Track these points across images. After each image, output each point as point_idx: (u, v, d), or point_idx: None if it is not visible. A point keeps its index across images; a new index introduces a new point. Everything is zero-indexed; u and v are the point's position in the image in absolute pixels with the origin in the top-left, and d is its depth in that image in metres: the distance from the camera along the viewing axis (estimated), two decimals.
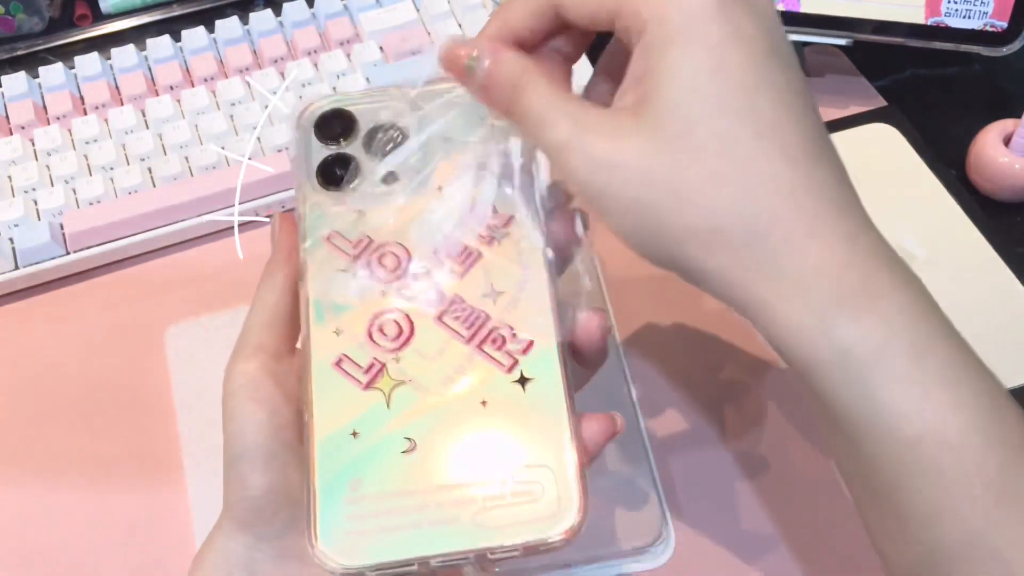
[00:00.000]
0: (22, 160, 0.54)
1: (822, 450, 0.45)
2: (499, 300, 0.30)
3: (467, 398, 0.29)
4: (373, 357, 0.29)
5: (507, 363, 0.29)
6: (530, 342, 0.29)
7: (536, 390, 0.29)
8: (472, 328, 0.30)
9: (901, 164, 0.53)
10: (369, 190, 0.32)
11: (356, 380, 0.29)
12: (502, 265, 0.30)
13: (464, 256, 0.31)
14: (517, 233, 0.31)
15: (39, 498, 0.45)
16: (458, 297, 0.30)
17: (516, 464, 0.28)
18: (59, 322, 0.51)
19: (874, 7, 0.54)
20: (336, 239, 0.31)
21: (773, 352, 0.49)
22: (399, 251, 0.31)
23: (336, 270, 0.31)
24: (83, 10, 0.65)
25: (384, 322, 0.30)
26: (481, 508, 0.27)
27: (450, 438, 0.28)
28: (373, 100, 0.33)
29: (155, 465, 0.46)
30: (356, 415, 0.29)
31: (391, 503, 0.27)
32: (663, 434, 0.46)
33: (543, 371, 0.29)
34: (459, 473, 0.28)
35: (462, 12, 0.61)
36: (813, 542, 0.43)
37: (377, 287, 0.30)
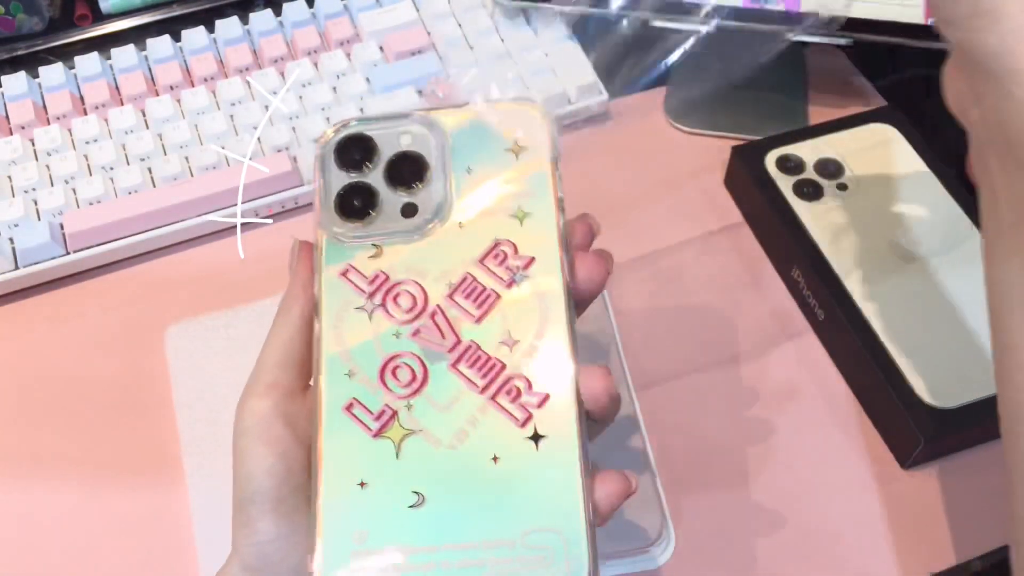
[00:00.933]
0: (22, 160, 0.54)
1: (823, 451, 0.46)
2: (516, 349, 0.29)
3: (478, 453, 0.28)
4: (384, 403, 0.28)
5: (521, 417, 0.28)
6: (546, 395, 0.28)
7: (549, 448, 0.28)
8: (487, 378, 0.28)
9: (901, 164, 0.53)
10: (388, 223, 0.30)
11: (366, 427, 0.28)
12: (521, 311, 0.29)
13: (482, 299, 0.29)
14: (538, 276, 0.29)
15: (39, 498, 0.45)
16: (474, 344, 0.29)
17: (526, 526, 0.27)
18: (59, 322, 0.51)
19: (874, 7, 0.54)
20: (352, 274, 0.30)
21: (773, 354, 0.49)
22: (416, 290, 0.30)
23: (351, 308, 0.30)
24: (83, 10, 0.65)
25: (398, 366, 0.29)
26: (488, 571, 0.27)
27: (459, 495, 0.27)
28: (396, 126, 0.32)
29: (155, 465, 0.46)
30: (364, 464, 0.28)
31: (396, 559, 0.27)
32: (664, 435, 0.46)
33: (558, 428, 0.28)
34: (467, 532, 0.27)
35: (462, 12, 0.61)
36: (814, 542, 0.43)
37: (392, 328, 0.29)
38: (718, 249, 0.53)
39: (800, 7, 0.54)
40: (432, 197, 0.30)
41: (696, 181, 0.56)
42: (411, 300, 0.29)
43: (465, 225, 0.30)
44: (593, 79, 0.58)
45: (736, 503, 0.44)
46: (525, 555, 0.26)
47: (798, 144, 0.53)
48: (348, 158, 0.31)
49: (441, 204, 0.30)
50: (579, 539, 0.27)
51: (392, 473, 0.28)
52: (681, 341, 0.49)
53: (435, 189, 0.31)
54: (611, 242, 0.55)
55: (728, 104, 0.60)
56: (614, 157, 0.58)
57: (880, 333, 0.45)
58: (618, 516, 0.42)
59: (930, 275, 0.48)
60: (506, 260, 0.30)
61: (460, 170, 0.31)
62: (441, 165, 0.31)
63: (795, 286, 0.51)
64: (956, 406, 0.43)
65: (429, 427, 0.28)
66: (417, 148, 0.31)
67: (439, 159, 0.31)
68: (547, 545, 0.27)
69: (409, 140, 0.31)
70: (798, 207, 0.51)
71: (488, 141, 0.31)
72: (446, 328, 0.29)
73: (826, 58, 0.62)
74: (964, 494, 0.44)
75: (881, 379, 0.44)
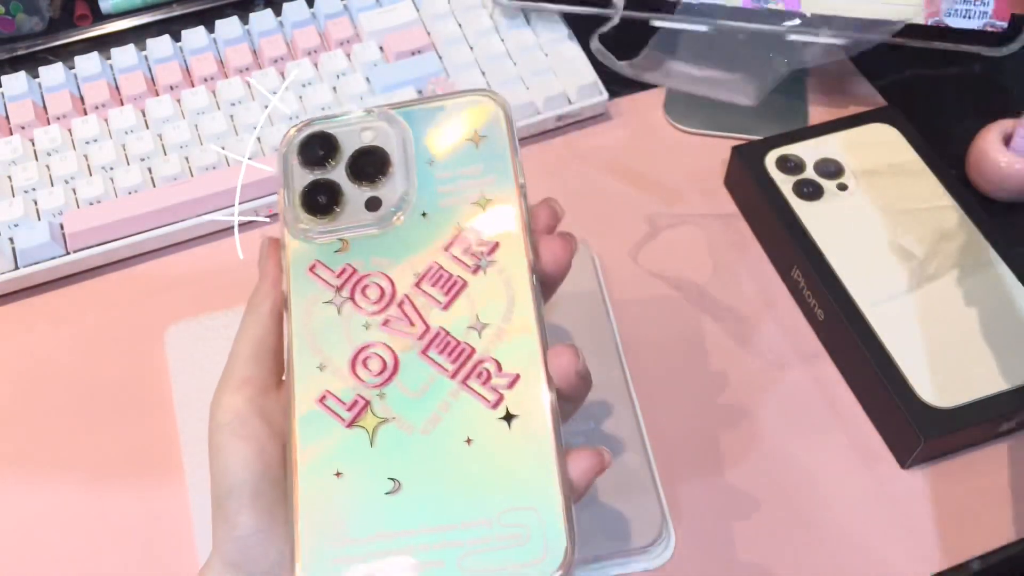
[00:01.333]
0: (22, 160, 0.54)
1: (823, 451, 0.46)
2: (484, 332, 0.29)
3: (452, 436, 0.28)
4: (357, 394, 0.29)
5: (493, 399, 0.28)
6: (516, 376, 0.28)
7: (522, 427, 0.28)
8: (457, 362, 0.29)
9: (901, 164, 0.53)
10: (352, 217, 0.31)
11: (340, 417, 0.28)
12: (487, 295, 0.29)
13: (449, 286, 0.30)
14: (503, 260, 0.30)
15: (39, 498, 0.45)
16: (443, 330, 0.29)
17: (502, 506, 0.27)
18: (59, 322, 0.51)
19: (874, 7, 0.54)
20: (319, 269, 0.30)
21: (774, 354, 0.49)
22: (383, 281, 0.30)
23: (320, 302, 0.30)
24: (83, 10, 0.65)
25: (368, 356, 0.29)
26: (467, 552, 0.27)
27: (435, 479, 0.28)
28: (357, 122, 0.32)
29: (155, 465, 0.46)
30: (339, 454, 0.28)
31: (376, 545, 0.27)
32: (664, 435, 0.46)
33: (529, 407, 0.28)
34: (444, 515, 0.27)
35: (462, 12, 0.61)
36: (813, 542, 0.43)
37: (361, 320, 0.30)
38: (718, 249, 0.53)
39: (800, 7, 0.54)
40: (395, 190, 0.31)
41: (696, 181, 0.56)
42: (379, 291, 0.30)
43: (429, 215, 0.31)
44: (593, 79, 0.58)
45: (736, 503, 0.44)
46: (502, 533, 0.27)
47: (798, 144, 0.53)
48: (311, 156, 0.32)
49: (404, 196, 0.31)
50: (555, 516, 0.27)
51: (367, 461, 0.28)
52: (681, 341, 0.49)
53: (397, 182, 0.31)
54: (610, 242, 0.55)
55: (728, 104, 0.60)
56: (614, 157, 0.58)
57: (880, 333, 0.46)
58: (618, 515, 0.42)
59: (930, 275, 0.48)
60: (470, 247, 0.30)
61: (422, 162, 0.31)
62: (403, 158, 0.31)
63: (795, 286, 0.51)
64: (956, 406, 0.43)
65: (402, 414, 0.28)
66: (379, 143, 0.32)
67: (400, 152, 0.31)
68: (524, 523, 0.27)
69: (371, 136, 0.32)
70: (798, 207, 0.51)
71: (448, 133, 0.31)
72: (415, 316, 0.29)
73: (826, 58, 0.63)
74: (964, 494, 0.44)
75: (881, 379, 0.44)
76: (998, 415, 0.44)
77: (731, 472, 0.45)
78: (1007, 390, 0.44)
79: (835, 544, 0.43)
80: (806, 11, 0.54)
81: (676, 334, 0.50)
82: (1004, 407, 0.44)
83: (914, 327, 0.46)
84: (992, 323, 0.46)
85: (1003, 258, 0.48)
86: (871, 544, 0.43)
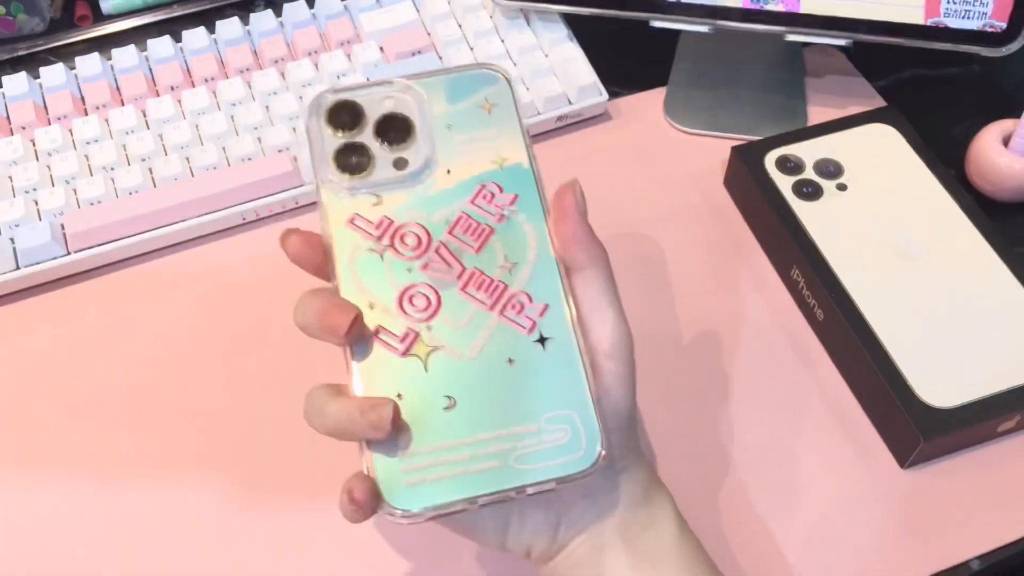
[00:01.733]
0: (23, 160, 0.54)
1: (823, 451, 0.46)
2: (514, 271, 0.33)
3: (496, 358, 0.32)
4: (407, 327, 0.32)
5: (527, 325, 0.33)
6: (545, 306, 0.33)
7: (554, 347, 0.32)
8: (493, 297, 0.33)
9: (901, 164, 0.53)
10: (384, 175, 0.34)
11: (394, 348, 0.32)
12: (512, 239, 0.33)
13: (478, 233, 0.33)
14: (521, 210, 0.34)
15: (39, 498, 0.45)
16: (477, 270, 0.33)
17: (545, 412, 0.32)
18: (59, 322, 0.51)
19: (874, 7, 0.54)
20: (359, 221, 0.34)
21: (773, 354, 0.49)
22: (419, 231, 0.33)
23: (364, 249, 0.33)
24: (84, 11, 0.65)
25: (413, 294, 0.33)
26: (519, 453, 0.31)
27: (485, 394, 0.32)
28: (378, 92, 0.35)
29: (156, 465, 0.46)
30: (398, 380, 0.32)
31: (439, 455, 0.31)
32: (662, 434, 0.46)
33: (558, 330, 0.32)
34: (496, 423, 0.32)
35: (462, 12, 0.61)
36: (813, 542, 0.43)
37: (402, 264, 0.33)
38: (717, 249, 0.53)
39: (800, 7, 0.54)
40: (420, 151, 0.34)
41: (696, 181, 0.56)
42: (416, 239, 0.33)
43: (453, 172, 0.34)
44: (593, 79, 0.58)
45: (735, 502, 0.44)
46: (547, 436, 0.31)
47: (798, 144, 0.53)
48: (339, 121, 0.34)
49: (429, 157, 0.34)
50: (590, 418, 0.32)
51: (424, 384, 0.32)
52: (680, 341, 0.49)
53: (422, 144, 0.34)
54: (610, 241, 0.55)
55: (728, 104, 0.60)
56: (614, 157, 0.58)
57: (880, 333, 0.46)
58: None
59: (930, 275, 0.48)
60: (494, 199, 0.34)
61: (441, 127, 0.35)
62: (424, 123, 0.34)
63: (795, 286, 0.51)
64: (956, 406, 0.43)
65: (449, 343, 0.32)
66: (400, 110, 0.35)
67: (421, 118, 0.35)
68: (565, 425, 0.32)
69: (392, 103, 0.35)
70: (798, 207, 0.51)
71: (462, 101, 0.35)
72: (451, 259, 0.33)
73: (826, 58, 0.63)
74: (963, 494, 0.44)
75: (881, 379, 0.44)
76: (998, 415, 0.44)
77: (730, 472, 0.45)
78: (1007, 390, 0.44)
79: (835, 544, 0.43)
80: (806, 11, 0.54)
81: (675, 334, 0.50)
82: (1004, 407, 0.44)
83: (914, 327, 0.46)
84: (992, 323, 0.46)
85: (1003, 258, 0.48)
86: (871, 544, 0.43)
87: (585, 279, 0.33)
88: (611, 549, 0.34)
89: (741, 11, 0.55)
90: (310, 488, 0.44)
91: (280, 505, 0.44)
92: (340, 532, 0.43)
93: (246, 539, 0.43)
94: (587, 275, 0.33)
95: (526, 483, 0.31)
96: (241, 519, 0.44)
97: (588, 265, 0.33)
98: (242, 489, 0.45)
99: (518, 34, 0.60)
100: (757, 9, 0.55)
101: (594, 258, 0.33)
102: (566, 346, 0.32)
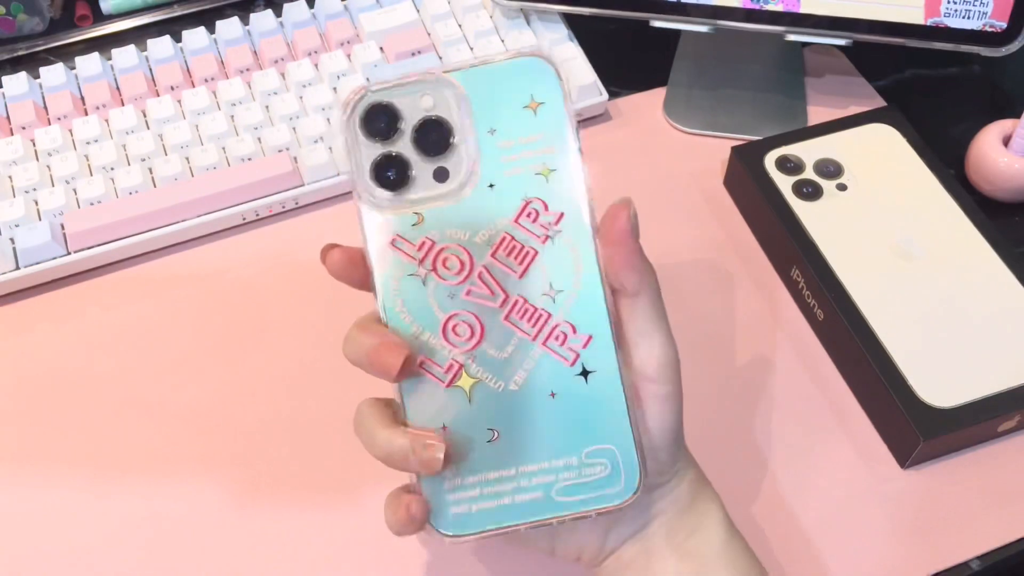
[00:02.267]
0: (23, 160, 0.54)
1: (823, 451, 0.46)
2: (558, 299, 0.32)
3: (538, 391, 0.32)
4: (451, 358, 0.32)
5: (570, 358, 0.32)
6: (589, 337, 0.32)
7: (597, 380, 0.32)
8: (536, 326, 0.32)
9: (901, 164, 0.53)
10: (423, 189, 0.32)
11: (439, 380, 0.32)
12: (558, 263, 0.32)
13: (522, 256, 0.32)
14: (568, 229, 0.32)
15: (39, 498, 0.45)
16: (521, 298, 0.32)
17: (586, 447, 0.32)
18: (59, 322, 0.51)
19: (874, 7, 0.54)
20: (400, 243, 0.32)
21: (773, 354, 0.49)
22: (461, 253, 0.32)
23: (406, 275, 0.32)
24: (84, 11, 0.65)
25: (456, 324, 0.32)
26: (560, 484, 0.32)
27: (527, 427, 0.32)
28: (416, 90, 0.32)
29: (155, 465, 0.46)
30: (444, 411, 0.32)
31: (484, 485, 0.32)
32: None
33: (602, 362, 0.32)
34: (538, 456, 0.32)
35: (462, 12, 0.61)
36: (812, 542, 0.43)
37: (445, 290, 0.32)
38: (717, 249, 0.53)
39: (800, 7, 0.54)
40: (461, 160, 0.32)
41: (696, 181, 0.56)
42: (458, 263, 0.32)
43: (496, 186, 0.32)
44: (593, 79, 0.58)
45: (735, 503, 0.44)
46: (588, 469, 0.32)
47: (798, 144, 0.53)
48: (375, 127, 0.32)
49: (471, 167, 0.32)
50: (630, 452, 0.32)
51: (468, 415, 0.32)
52: (680, 341, 0.49)
53: (463, 152, 0.32)
54: None
55: (728, 104, 0.60)
56: (614, 157, 0.58)
57: (880, 333, 0.46)
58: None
59: (930, 275, 0.48)
60: (538, 218, 0.32)
61: (483, 131, 0.32)
62: (465, 128, 0.32)
63: (795, 286, 0.51)
64: (956, 406, 0.43)
65: (492, 373, 0.32)
66: (440, 112, 0.32)
67: (462, 122, 0.32)
68: (605, 460, 0.32)
69: (431, 102, 0.32)
70: (798, 207, 0.51)
71: (506, 99, 0.32)
72: (494, 286, 0.32)
73: (826, 58, 0.63)
74: (963, 494, 0.44)
75: (881, 379, 0.44)
76: (998, 415, 0.44)
77: (730, 472, 0.45)
78: (1007, 390, 0.44)
79: (835, 544, 0.43)
80: (806, 11, 0.54)
81: (675, 334, 0.50)
82: (1004, 407, 0.44)
83: (914, 327, 0.46)
84: (992, 323, 0.46)
85: (1002, 258, 0.48)
86: (870, 544, 0.43)
87: (633, 303, 0.32)
88: (658, 555, 0.35)
89: (741, 11, 0.55)
90: (310, 488, 0.44)
91: (280, 505, 0.44)
92: (340, 532, 0.43)
93: (246, 539, 0.43)
94: (636, 300, 0.32)
95: (566, 514, 0.32)
96: (241, 519, 0.44)
97: (639, 291, 0.32)
98: (242, 489, 0.45)
99: (518, 34, 0.60)
100: (757, 9, 0.55)
101: (644, 283, 0.32)
102: (609, 379, 0.32)
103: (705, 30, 0.56)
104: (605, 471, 0.32)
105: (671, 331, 0.33)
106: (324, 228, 0.54)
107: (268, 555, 0.43)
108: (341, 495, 0.35)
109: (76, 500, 0.45)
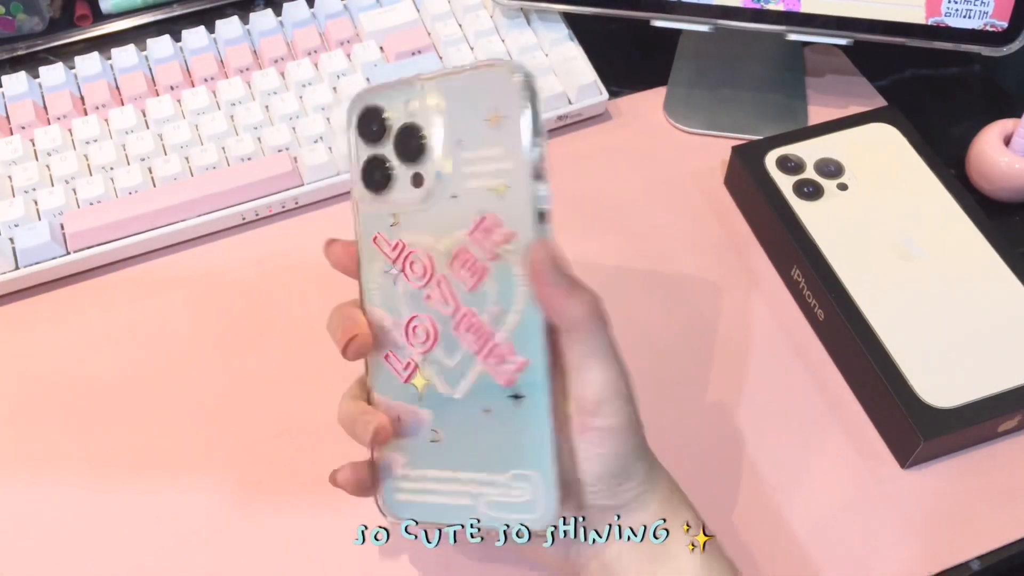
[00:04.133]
0: (22, 160, 0.54)
1: (823, 451, 0.46)
2: (501, 318, 0.32)
3: (476, 404, 0.33)
4: (409, 356, 0.34)
5: (504, 379, 0.32)
6: (525, 361, 0.31)
7: (526, 406, 0.31)
8: (480, 341, 0.32)
9: (901, 164, 0.53)
10: (401, 193, 0.33)
11: (399, 374, 0.34)
12: (503, 283, 0.31)
13: (474, 270, 0.32)
14: (517, 250, 0.31)
15: (39, 498, 0.45)
16: (470, 311, 0.32)
17: (511, 467, 0.32)
18: (59, 322, 0.51)
19: (874, 7, 0.54)
20: (380, 241, 0.34)
21: (773, 354, 0.49)
22: (425, 259, 0.33)
23: (382, 271, 0.34)
24: (83, 10, 0.65)
25: (416, 325, 0.33)
26: (488, 498, 0.32)
27: (465, 436, 0.33)
28: (404, 94, 0.33)
29: (155, 465, 0.46)
30: (399, 402, 0.34)
31: (424, 480, 0.34)
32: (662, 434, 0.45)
33: (533, 389, 0.31)
34: (473, 465, 0.33)
35: (462, 12, 0.61)
36: (812, 542, 0.43)
37: (411, 291, 0.33)
38: (718, 249, 0.53)
39: (800, 7, 0.54)
40: (434, 167, 0.32)
41: (696, 181, 0.56)
42: (423, 268, 0.33)
43: (458, 197, 0.32)
44: (593, 79, 0.58)
45: (735, 503, 0.44)
46: (511, 491, 0.32)
47: (798, 144, 0.53)
48: (366, 130, 0.34)
49: (440, 175, 0.32)
50: (549, 483, 0.31)
51: (417, 413, 0.34)
52: (680, 341, 0.49)
53: (435, 160, 0.32)
54: (611, 242, 0.55)
55: (728, 104, 0.60)
56: (614, 157, 0.58)
57: (880, 333, 0.45)
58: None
59: (930, 275, 0.48)
60: (491, 235, 0.31)
61: (452, 141, 0.32)
62: (439, 136, 0.32)
63: (795, 286, 0.51)
64: (956, 406, 0.43)
65: (441, 378, 0.33)
66: (418, 119, 0.32)
67: (437, 128, 0.32)
68: (527, 485, 0.32)
69: (414, 108, 0.33)
70: (798, 207, 0.51)
71: (471, 111, 0.31)
72: (448, 295, 0.33)
73: (826, 58, 0.63)
74: (964, 494, 0.44)
75: (881, 379, 0.44)
76: (998, 415, 0.44)
77: (729, 472, 0.45)
78: (1007, 390, 0.44)
79: (835, 544, 0.43)
80: (807, 11, 0.54)
81: (674, 334, 0.50)
82: (1004, 407, 0.44)
83: (914, 327, 0.46)
84: (992, 323, 0.46)
85: (1003, 258, 0.48)
86: (870, 544, 0.43)
87: (569, 337, 0.31)
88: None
89: (742, 10, 0.55)
90: (310, 487, 0.44)
91: (280, 505, 0.44)
92: (340, 531, 0.43)
93: (245, 538, 0.43)
94: (572, 335, 0.31)
95: (491, 528, 0.32)
96: (241, 519, 0.44)
97: (573, 326, 0.31)
98: (241, 488, 0.45)
99: (518, 33, 0.59)
100: (758, 8, 0.55)
101: (576, 319, 0.31)
102: (538, 407, 0.31)
103: (706, 29, 0.56)
104: (525, 495, 0.32)
105: (619, 362, 0.32)
106: (324, 228, 0.54)
107: (268, 555, 0.43)
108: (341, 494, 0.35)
109: (76, 500, 0.45)
